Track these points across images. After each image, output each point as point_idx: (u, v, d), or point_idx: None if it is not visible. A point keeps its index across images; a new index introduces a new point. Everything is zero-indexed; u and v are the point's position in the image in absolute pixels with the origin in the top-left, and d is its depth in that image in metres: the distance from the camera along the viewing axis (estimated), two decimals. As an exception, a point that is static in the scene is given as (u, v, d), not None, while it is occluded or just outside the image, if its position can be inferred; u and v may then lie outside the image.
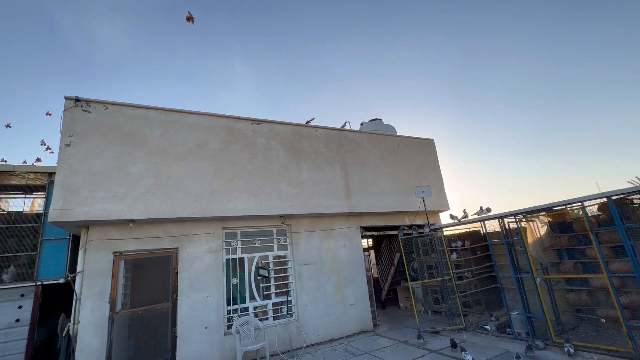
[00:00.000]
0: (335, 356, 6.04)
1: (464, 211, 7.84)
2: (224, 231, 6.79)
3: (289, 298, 6.98)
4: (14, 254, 6.30)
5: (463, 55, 30.08)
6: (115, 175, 5.69)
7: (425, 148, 9.90)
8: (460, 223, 7.79)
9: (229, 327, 6.24)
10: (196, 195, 6.22)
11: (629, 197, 5.29)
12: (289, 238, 7.46)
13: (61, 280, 6.10)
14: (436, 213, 9.48)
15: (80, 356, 5.08)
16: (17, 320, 5.75)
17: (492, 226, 7.30)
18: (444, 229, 8.08)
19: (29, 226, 6.56)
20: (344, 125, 9.58)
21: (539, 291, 5.66)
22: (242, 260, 6.84)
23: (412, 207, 8.60)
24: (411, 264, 9.54)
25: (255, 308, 6.71)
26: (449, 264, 7.48)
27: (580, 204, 5.35)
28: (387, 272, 10.97)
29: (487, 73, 31.77)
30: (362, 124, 10.42)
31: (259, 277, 6.80)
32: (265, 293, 6.90)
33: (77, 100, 5.69)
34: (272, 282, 7.01)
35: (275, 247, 7.32)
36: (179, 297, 5.96)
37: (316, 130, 8.13)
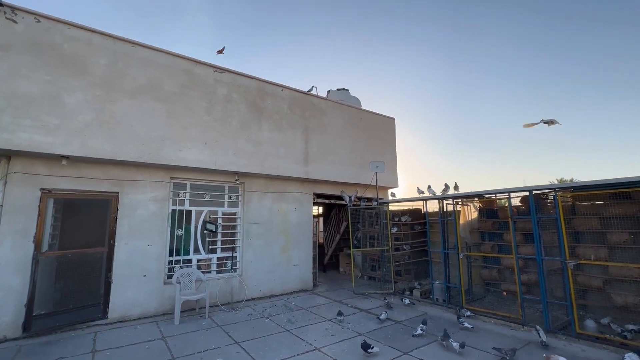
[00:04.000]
0: (273, 310, 6.37)
1: (446, 185, 7.41)
2: (172, 181, 6.48)
3: (234, 254, 7.06)
4: None
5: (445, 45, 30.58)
6: (48, 102, 4.99)
7: (385, 125, 10.20)
8: (407, 200, 8.33)
9: (170, 277, 6.18)
10: (144, 139, 5.76)
11: (545, 193, 6.13)
12: (241, 196, 7.38)
13: (-27, 213, 5.39)
14: (385, 189, 10.02)
15: (-4, 295, 4.68)
16: None
17: (432, 207, 8.00)
18: (390, 204, 8.63)
19: None
20: (311, 89, 9.38)
21: (460, 266, 6.46)
22: (189, 212, 6.66)
23: (365, 181, 8.98)
24: (356, 233, 10.14)
25: (199, 261, 6.69)
26: (389, 236, 8.11)
27: (507, 194, 6.06)
28: (332, 239, 11.54)
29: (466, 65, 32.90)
30: (329, 92, 10.30)
31: (205, 231, 6.72)
32: (210, 247, 6.88)
33: (0, 4, 4.73)
34: (219, 237, 6.98)
35: (226, 203, 7.21)
36: (116, 243, 5.68)
37: (282, 90, 7.86)
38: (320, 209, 13.15)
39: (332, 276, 10.22)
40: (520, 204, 6.85)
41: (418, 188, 7.96)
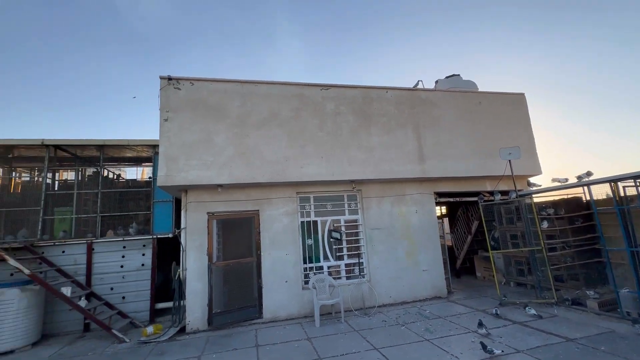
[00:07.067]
0: (407, 317, 6.14)
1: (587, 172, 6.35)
2: (298, 195, 7.18)
3: (360, 260, 7.21)
4: (134, 213, 7.72)
5: (567, -14, 24.42)
6: (203, 145, 6.37)
7: (513, 104, 8.66)
8: (559, 187, 6.79)
9: (306, 282, 6.79)
10: (272, 162, 6.63)
11: None
12: (359, 203, 7.53)
13: (170, 235, 7.31)
14: (524, 178, 8.43)
15: (189, 296, 6.16)
16: (143, 265, 7.18)
17: (599, 192, 6.23)
18: (534, 195, 7.18)
19: (142, 190, 7.90)
20: (417, 84, 8.89)
21: (661, 268, 4.74)
22: (315, 223, 7.21)
23: (495, 171, 7.78)
24: (491, 232, 8.84)
25: (329, 267, 7.12)
26: (539, 233, 6.71)
27: None
28: (462, 241, 10.42)
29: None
30: (437, 82, 9.53)
31: (331, 240, 7.13)
32: (338, 254, 7.24)
33: (170, 79, 6.38)
34: (344, 244, 7.28)
35: (347, 211, 7.49)
36: (262, 254, 6.65)
37: (386, 92, 7.73)
38: (444, 209, 12.11)
39: (468, 282, 9.15)
40: None
41: (578, 176, 6.40)
